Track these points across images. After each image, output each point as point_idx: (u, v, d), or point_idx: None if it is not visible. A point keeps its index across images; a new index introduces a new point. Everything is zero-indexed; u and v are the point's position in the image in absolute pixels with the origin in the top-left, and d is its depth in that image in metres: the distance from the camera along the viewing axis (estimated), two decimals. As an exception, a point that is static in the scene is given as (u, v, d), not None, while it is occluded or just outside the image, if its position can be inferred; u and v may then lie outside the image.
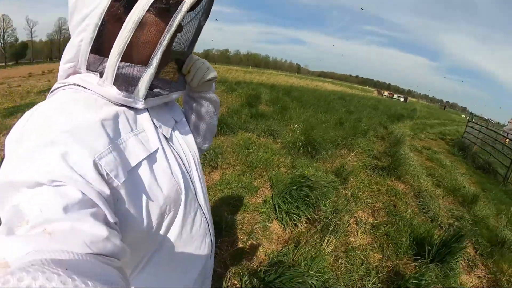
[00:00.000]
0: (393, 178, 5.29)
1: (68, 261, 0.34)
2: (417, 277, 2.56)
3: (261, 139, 5.79)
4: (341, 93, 22.60)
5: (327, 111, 10.39)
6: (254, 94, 10.81)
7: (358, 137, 7.29)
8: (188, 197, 0.71)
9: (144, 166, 0.59)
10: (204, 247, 0.80)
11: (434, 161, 7.76)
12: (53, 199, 0.40)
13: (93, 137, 0.51)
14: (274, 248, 2.82)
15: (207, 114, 0.97)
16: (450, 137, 13.89)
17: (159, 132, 0.70)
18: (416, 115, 20.58)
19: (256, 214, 3.26)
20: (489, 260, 3.52)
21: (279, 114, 7.88)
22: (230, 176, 3.89)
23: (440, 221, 4.13)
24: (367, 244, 3.24)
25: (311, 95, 14.47)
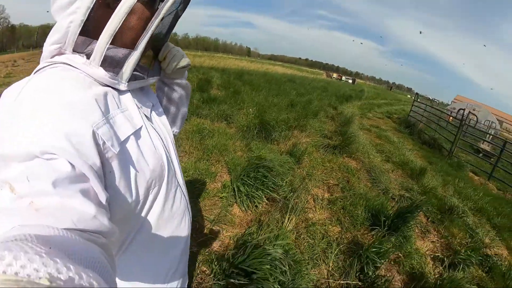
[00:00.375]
0: (345, 155, 5.58)
1: (52, 237, 0.33)
2: (376, 245, 2.75)
3: (215, 124, 5.72)
4: (291, 76, 22.99)
5: (278, 94, 10.54)
6: (205, 79, 10.58)
7: (309, 118, 7.53)
8: (170, 174, 0.74)
9: (131, 141, 0.62)
10: (184, 224, 0.83)
11: (383, 138, 8.30)
12: (44, 172, 0.41)
13: (89, 110, 0.53)
14: (238, 231, 2.85)
15: (180, 100, 1.01)
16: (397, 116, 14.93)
17: (140, 111, 0.72)
18: (364, 96, 21.68)
19: (216, 199, 3.25)
20: (441, 226, 3.91)
21: (231, 98, 7.81)
22: (186, 164, 3.81)
23: (391, 193, 4.47)
24: (326, 219, 3.41)
25: (262, 78, 14.54)
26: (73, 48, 0.61)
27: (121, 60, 0.63)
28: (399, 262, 2.99)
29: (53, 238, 0.33)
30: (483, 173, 7.91)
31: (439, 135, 10.19)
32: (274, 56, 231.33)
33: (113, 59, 0.63)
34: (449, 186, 5.58)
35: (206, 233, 2.72)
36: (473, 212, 4.75)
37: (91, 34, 0.61)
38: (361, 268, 2.69)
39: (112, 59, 0.63)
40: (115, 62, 0.63)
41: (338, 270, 2.71)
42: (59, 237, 0.34)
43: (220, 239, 2.71)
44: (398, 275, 2.86)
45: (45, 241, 0.31)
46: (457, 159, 8.17)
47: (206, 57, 30.96)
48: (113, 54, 0.62)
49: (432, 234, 3.76)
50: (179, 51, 0.88)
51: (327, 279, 2.58)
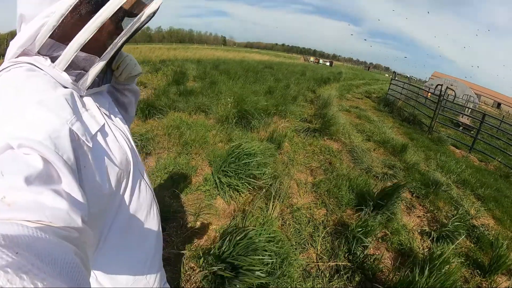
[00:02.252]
0: (326, 138, 5.62)
1: (22, 237, 0.33)
2: (362, 225, 2.78)
3: (193, 117, 5.61)
4: (268, 62, 22.85)
5: (256, 81, 10.45)
6: (180, 71, 10.34)
7: (288, 103, 7.49)
8: (135, 166, 0.77)
9: (99, 136, 0.65)
10: (153, 215, 0.87)
11: (362, 118, 8.40)
12: (18, 167, 0.41)
13: (61, 107, 0.55)
14: (223, 223, 2.82)
15: (130, 104, 1.04)
16: (376, 95, 15.14)
17: (101, 111, 0.74)
18: (342, 77, 21.82)
19: (199, 193, 3.19)
20: (426, 201, 4.00)
21: (208, 89, 7.68)
22: (166, 160, 3.72)
23: (374, 171, 4.54)
24: (311, 203, 3.43)
25: (239, 67, 14.35)
26: (38, 50, 0.61)
27: (85, 67, 0.65)
28: (387, 240, 3.05)
29: (22, 238, 0.33)
30: (464, 146, 8.14)
31: (418, 112, 10.41)
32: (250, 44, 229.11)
33: (77, 66, 0.65)
34: (431, 161, 5.73)
35: (191, 228, 2.67)
36: (457, 184, 4.90)
37: (60, 39, 0.62)
38: (350, 249, 2.72)
39: (77, 66, 0.65)
40: (79, 69, 0.65)
41: (327, 252, 2.74)
42: (29, 237, 0.34)
43: (205, 232, 2.68)
44: (387, 252, 2.91)
45: (13, 243, 0.31)
46: (438, 134, 8.36)
47: (181, 49, 30.20)
48: (79, 61, 0.64)
49: (417, 209, 3.85)
50: (131, 59, 0.92)
51: (316, 263, 2.60)
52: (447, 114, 11.30)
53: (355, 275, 2.51)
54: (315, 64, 43.80)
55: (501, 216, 4.20)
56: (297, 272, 2.42)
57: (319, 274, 2.48)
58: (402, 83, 14.84)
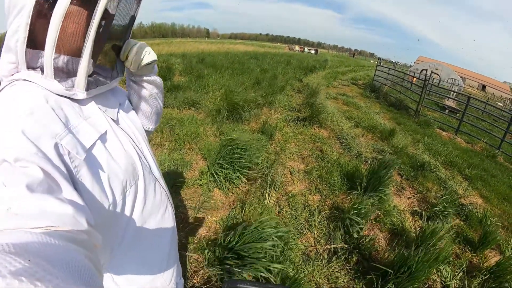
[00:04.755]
0: (315, 126, 5.72)
1: (32, 244, 0.34)
2: (356, 207, 2.90)
3: (182, 112, 5.62)
4: (253, 53, 22.73)
5: (243, 73, 10.44)
6: (166, 66, 10.22)
7: (276, 93, 7.55)
8: (145, 171, 0.76)
9: (98, 146, 0.63)
10: (168, 215, 0.88)
11: (350, 105, 8.53)
12: (18, 177, 0.42)
13: (51, 121, 0.54)
14: (222, 214, 2.90)
15: (151, 97, 0.98)
16: (362, 82, 15.30)
17: (105, 114, 0.73)
18: (327, 65, 21.91)
19: (196, 187, 3.25)
20: (415, 182, 4.15)
21: (195, 83, 7.66)
22: (160, 156, 3.75)
23: (364, 156, 4.67)
24: (305, 189, 3.53)
25: (225, 59, 14.27)
26: (27, 65, 0.61)
27: (72, 69, 0.63)
28: (380, 221, 3.18)
29: (32, 245, 0.33)
30: (451, 129, 8.37)
31: (405, 96, 10.60)
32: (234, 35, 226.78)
33: (64, 69, 0.63)
34: (419, 144, 5.90)
35: (192, 222, 2.74)
36: (445, 166, 5.07)
37: (38, 46, 0.61)
38: (346, 231, 2.84)
39: (63, 70, 0.63)
40: (67, 73, 0.64)
41: (324, 236, 2.85)
42: (39, 243, 0.34)
43: (206, 225, 2.75)
44: (380, 233, 3.04)
45: (24, 250, 0.31)
46: (424, 118, 8.56)
47: (164, 44, 29.77)
48: (63, 64, 0.63)
49: (407, 191, 4.00)
50: (141, 47, 0.85)
51: (315, 246, 2.71)
52: (433, 98, 11.53)
53: (352, 256, 2.63)
54: (300, 53, 43.69)
55: (488, 195, 4.40)
56: (297, 256, 2.52)
57: (318, 257, 2.59)
58: (388, 68, 15.01)
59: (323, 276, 2.40)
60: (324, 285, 2.34)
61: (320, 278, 2.38)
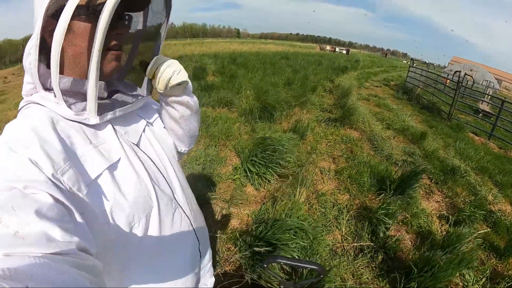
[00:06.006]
0: (346, 127, 5.74)
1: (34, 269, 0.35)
2: (384, 207, 2.95)
3: (216, 110, 5.85)
4: (284, 53, 22.75)
5: (274, 73, 10.57)
6: (199, 66, 10.58)
7: (308, 94, 7.60)
8: (163, 201, 0.72)
9: (105, 176, 0.60)
10: (187, 245, 0.83)
11: (382, 106, 8.40)
12: (27, 203, 0.42)
13: (55, 153, 0.52)
14: (254, 208, 3.05)
15: (182, 119, 0.89)
16: (394, 83, 14.90)
17: (123, 140, 0.70)
18: (359, 65, 21.46)
19: (230, 182, 3.44)
20: (444, 187, 4.09)
21: (228, 83, 7.88)
22: (196, 152, 3.98)
23: (394, 158, 4.65)
24: (334, 189, 3.61)
25: (256, 59, 14.44)
26: (43, 86, 0.60)
27: (82, 92, 0.61)
28: (407, 223, 3.19)
29: (35, 271, 0.35)
30: (484, 133, 7.98)
31: (438, 99, 10.25)
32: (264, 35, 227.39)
33: (73, 92, 0.61)
34: (450, 148, 5.73)
35: (225, 214, 2.92)
36: (475, 171, 4.91)
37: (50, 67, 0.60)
38: (372, 230, 2.90)
39: (73, 92, 0.61)
40: (78, 95, 0.62)
41: (351, 234, 2.93)
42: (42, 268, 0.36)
43: (239, 217, 2.92)
44: (407, 234, 3.07)
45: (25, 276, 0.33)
46: (457, 121, 8.24)
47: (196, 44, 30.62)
48: (71, 87, 0.61)
49: (436, 195, 3.95)
50: (170, 65, 0.76)
51: (342, 243, 2.79)
52: (467, 100, 11.05)
53: (377, 254, 2.69)
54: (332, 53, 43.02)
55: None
56: (325, 251, 2.63)
57: (344, 253, 2.68)
58: (421, 69, 14.53)
59: (349, 272, 2.48)
60: (349, 280, 2.42)
61: (346, 273, 2.46)
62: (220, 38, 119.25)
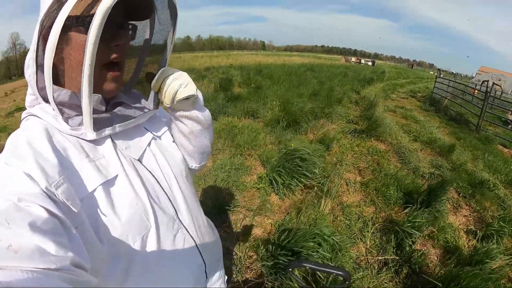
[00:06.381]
0: (373, 138, 5.64)
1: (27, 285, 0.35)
2: (411, 220, 2.88)
3: (242, 120, 5.94)
4: (309, 65, 22.80)
5: (300, 85, 10.60)
6: (226, 78, 10.84)
7: (334, 105, 7.57)
8: (162, 222, 0.68)
9: (99, 192, 0.58)
10: (190, 268, 0.78)
11: (408, 118, 8.21)
12: (21, 216, 0.41)
13: (49, 166, 0.51)
14: (278, 218, 3.05)
15: (191, 134, 0.83)
16: (421, 94, 14.53)
17: (123, 155, 0.67)
18: (385, 77, 21.11)
19: (254, 191, 3.47)
20: (472, 200, 3.92)
21: (254, 94, 8.00)
22: (222, 160, 4.05)
23: (421, 171, 4.51)
24: (360, 201, 3.55)
25: (281, 71, 14.59)
26: (43, 98, 0.60)
27: (77, 107, 0.58)
28: (433, 237, 3.08)
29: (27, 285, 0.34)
30: (513, 145, 7.58)
31: (465, 110, 9.87)
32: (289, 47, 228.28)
33: (71, 105, 0.59)
34: (479, 161, 5.50)
35: (249, 222, 2.95)
36: (505, 184, 4.67)
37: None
38: (398, 244, 2.82)
39: (71, 106, 0.59)
40: (75, 109, 0.60)
41: (376, 247, 2.85)
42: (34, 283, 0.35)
43: (262, 226, 2.94)
44: (433, 249, 2.95)
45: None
46: (485, 133, 7.88)
47: (223, 56, 31.39)
48: (70, 100, 0.59)
49: (464, 209, 3.79)
50: (177, 78, 0.71)
51: (366, 256, 2.73)
52: (495, 111, 10.52)
53: (402, 269, 2.60)
54: (357, 65, 42.55)
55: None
56: (348, 263, 2.58)
57: (368, 267, 2.61)
58: (448, 80, 14.04)
59: (372, 286, 2.41)
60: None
61: (369, 287, 2.40)
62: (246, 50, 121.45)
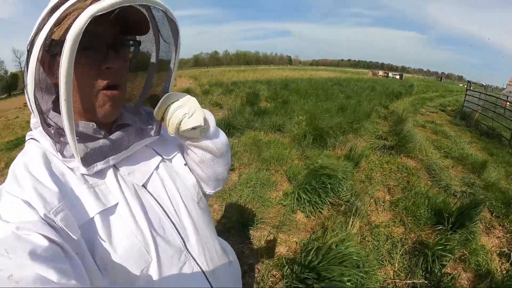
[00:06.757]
0: (402, 155, 5.44)
1: None
2: (442, 243, 2.72)
3: (269, 135, 5.94)
4: (336, 79, 22.64)
5: (327, 99, 10.51)
6: (253, 92, 10.96)
7: (362, 120, 7.42)
8: (166, 254, 0.63)
9: (97, 221, 0.55)
10: None
11: (439, 133, 7.89)
12: (21, 245, 0.40)
13: (48, 193, 0.50)
14: (303, 236, 2.97)
15: (202, 163, 0.77)
16: (451, 108, 13.96)
17: (125, 181, 0.63)
18: (414, 90, 20.57)
19: (279, 207, 3.41)
20: (506, 220, 3.67)
21: (281, 109, 8.01)
22: (247, 175, 4.04)
23: (453, 189, 4.28)
24: (389, 220, 3.40)
25: (308, 85, 14.56)
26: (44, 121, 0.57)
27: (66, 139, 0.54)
28: (465, 260, 2.90)
29: None
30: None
31: (497, 124, 9.35)
32: (315, 61, 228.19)
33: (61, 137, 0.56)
34: (513, 178, 5.16)
35: (273, 240, 2.88)
36: None
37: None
38: (427, 267, 2.67)
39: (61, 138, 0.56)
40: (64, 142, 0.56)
41: (404, 270, 2.71)
42: None
43: (286, 244, 2.86)
44: (464, 272, 2.78)
45: None
46: (519, 147, 7.39)
47: (249, 71, 31.91)
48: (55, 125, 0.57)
49: (497, 229, 3.54)
50: (182, 106, 0.64)
51: (394, 279, 2.59)
52: None
53: (431, 293, 2.45)
54: (385, 78, 41.77)
55: None
56: (375, 286, 2.45)
57: (396, 291, 2.48)
58: (478, 93, 13.37)
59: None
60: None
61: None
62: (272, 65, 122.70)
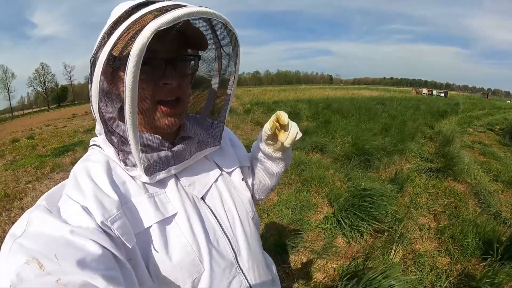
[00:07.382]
0: (449, 178, 5.13)
1: None
2: (490, 275, 2.52)
3: (310, 155, 5.92)
4: (379, 98, 22.04)
5: (370, 119, 10.27)
6: (294, 112, 11.03)
7: (406, 141, 7.14)
8: (219, 266, 0.63)
9: (155, 230, 0.56)
10: None
11: (488, 155, 7.34)
12: (71, 252, 0.41)
13: (107, 201, 0.51)
14: (343, 263, 2.90)
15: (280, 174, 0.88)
16: (499, 127, 12.92)
17: (186, 192, 0.65)
18: (460, 109, 19.39)
19: (319, 231, 3.37)
20: None
21: (322, 128, 7.96)
22: (287, 195, 4.05)
23: (503, 216, 3.94)
24: (434, 249, 3.20)
25: (350, 105, 14.33)
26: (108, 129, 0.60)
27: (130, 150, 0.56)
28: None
29: None
30: None
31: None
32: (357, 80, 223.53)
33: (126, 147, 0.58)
34: None
35: (310, 265, 2.84)
36: None
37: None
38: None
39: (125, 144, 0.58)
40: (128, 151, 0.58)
41: (448, 304, 2.54)
42: None
43: (324, 270, 2.80)
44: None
45: None
46: None
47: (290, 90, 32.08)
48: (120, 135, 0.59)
49: None
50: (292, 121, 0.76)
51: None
52: None
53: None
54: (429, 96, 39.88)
55: None
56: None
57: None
58: None
59: None
60: None
61: None
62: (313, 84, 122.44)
